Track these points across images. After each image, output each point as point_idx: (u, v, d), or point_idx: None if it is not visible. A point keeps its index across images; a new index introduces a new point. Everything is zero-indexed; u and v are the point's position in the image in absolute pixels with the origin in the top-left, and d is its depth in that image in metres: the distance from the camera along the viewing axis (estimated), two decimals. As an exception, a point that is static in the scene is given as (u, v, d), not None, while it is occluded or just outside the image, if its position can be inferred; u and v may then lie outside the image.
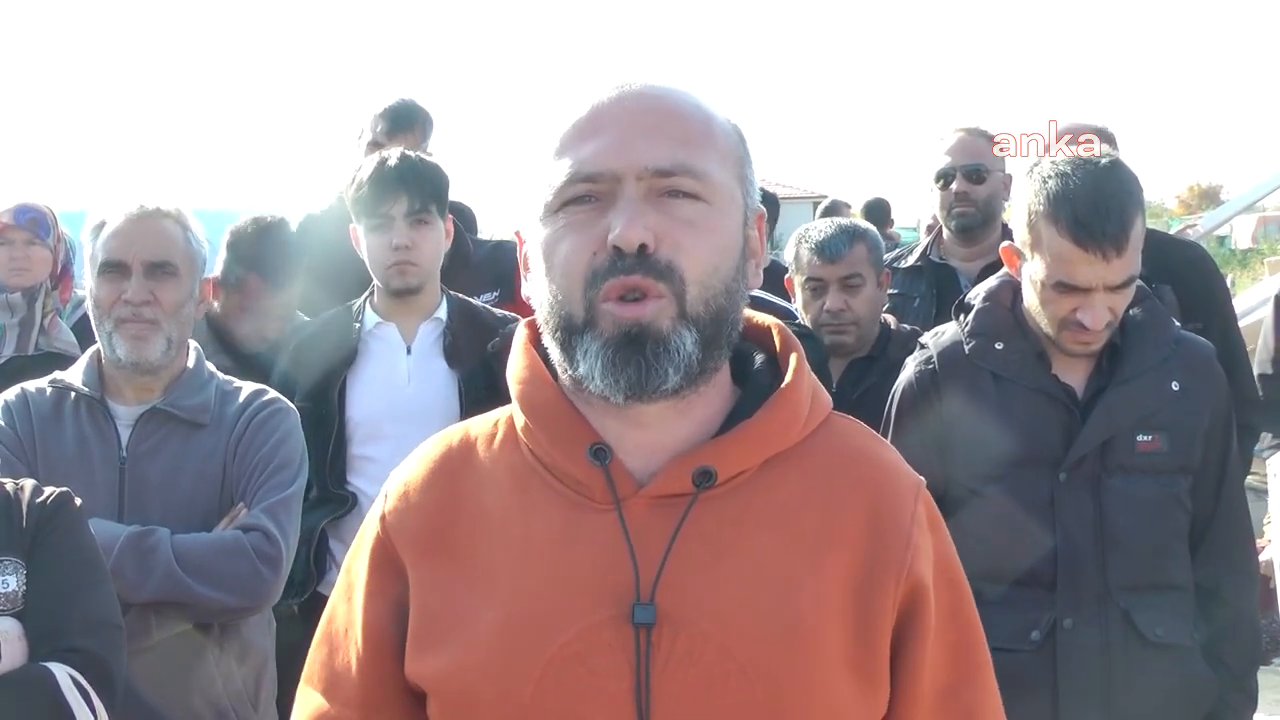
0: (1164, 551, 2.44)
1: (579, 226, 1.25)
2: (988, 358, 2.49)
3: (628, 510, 1.26)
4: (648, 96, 1.28)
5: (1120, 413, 2.41)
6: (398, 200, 2.96)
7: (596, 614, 1.23)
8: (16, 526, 2.06)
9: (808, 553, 1.27)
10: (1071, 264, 2.30)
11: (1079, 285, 2.31)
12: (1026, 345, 2.47)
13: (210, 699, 2.47)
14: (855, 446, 1.36)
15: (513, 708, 1.23)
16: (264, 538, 2.45)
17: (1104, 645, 2.38)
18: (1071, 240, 2.28)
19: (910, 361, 2.64)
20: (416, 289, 3.03)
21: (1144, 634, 2.38)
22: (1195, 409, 2.45)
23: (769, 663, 1.22)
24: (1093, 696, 2.38)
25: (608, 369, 1.23)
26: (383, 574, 1.35)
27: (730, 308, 1.28)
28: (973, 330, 2.53)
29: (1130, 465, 2.42)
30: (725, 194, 1.28)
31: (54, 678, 1.91)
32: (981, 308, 2.56)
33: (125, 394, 2.56)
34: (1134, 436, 2.41)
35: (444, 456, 1.38)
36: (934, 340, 2.62)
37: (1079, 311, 2.33)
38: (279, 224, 3.59)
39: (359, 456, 2.85)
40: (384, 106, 4.33)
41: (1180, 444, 2.44)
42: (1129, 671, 2.38)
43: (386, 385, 3.00)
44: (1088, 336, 2.36)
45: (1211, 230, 15.31)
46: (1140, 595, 2.40)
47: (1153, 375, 2.44)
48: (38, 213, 3.70)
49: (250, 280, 3.47)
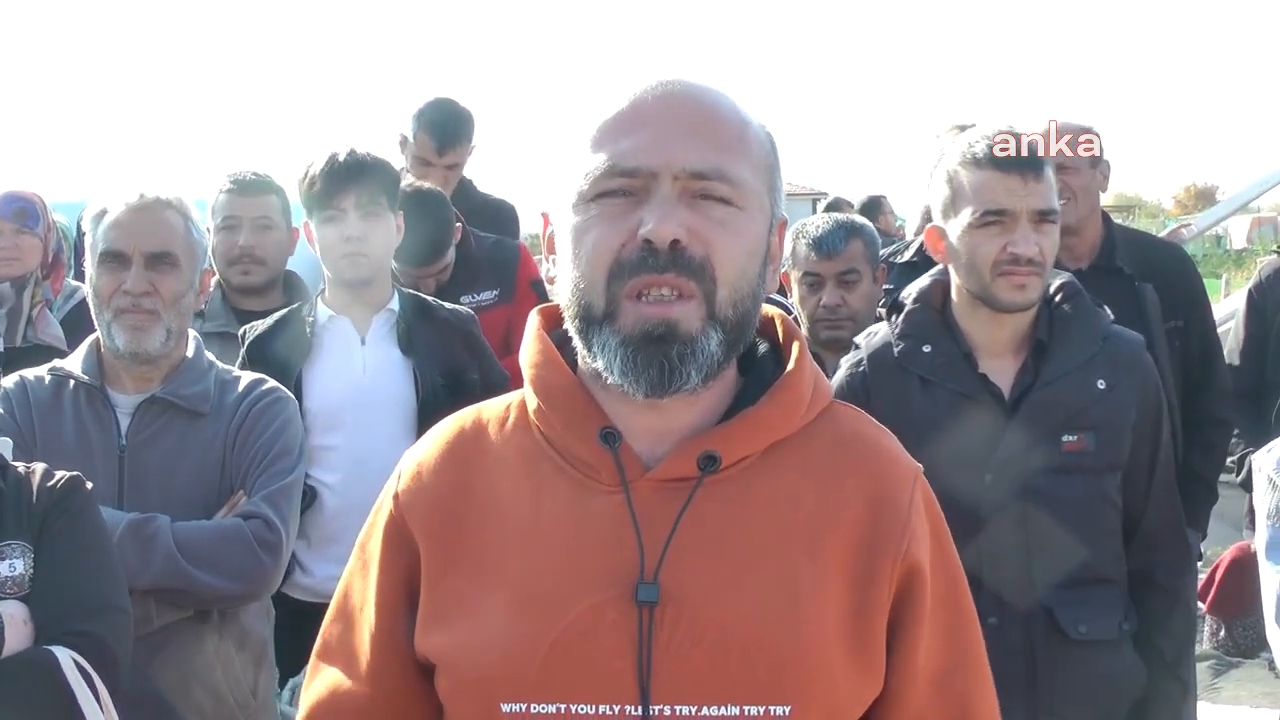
0: (1092, 549, 2.45)
1: (610, 217, 1.27)
2: (915, 361, 2.50)
3: (635, 493, 1.29)
4: (689, 97, 1.30)
5: (1045, 414, 2.42)
6: (348, 194, 3.02)
7: (602, 593, 1.26)
8: (26, 510, 2.07)
9: (808, 536, 1.30)
10: (993, 191, 2.37)
11: (1005, 210, 2.36)
12: (954, 347, 2.48)
13: (209, 686, 2.49)
14: (855, 433, 1.40)
15: (519, 683, 1.25)
16: (264, 525, 2.47)
17: (1028, 643, 2.41)
18: (991, 166, 2.37)
19: (843, 362, 2.66)
20: (368, 280, 3.07)
21: (1066, 631, 2.41)
22: (1122, 406, 2.46)
23: (769, 642, 1.25)
24: (1019, 694, 2.37)
25: (628, 366, 1.26)
26: (395, 551, 1.38)
27: (754, 311, 1.33)
28: (902, 332, 2.55)
29: (1056, 466, 2.42)
30: (755, 201, 1.31)
31: (57, 661, 1.92)
32: (911, 309, 2.58)
33: (124, 383, 2.56)
34: (1059, 437, 2.42)
35: (457, 438, 1.41)
36: (866, 341, 2.63)
37: (1010, 246, 2.36)
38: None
39: (319, 447, 2.90)
40: (426, 117, 4.28)
41: (1107, 442, 2.45)
42: (1053, 668, 2.41)
43: (343, 375, 3.04)
44: (1021, 276, 2.37)
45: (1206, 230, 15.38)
46: (1066, 592, 2.42)
47: (1078, 374, 2.45)
48: (26, 202, 3.64)
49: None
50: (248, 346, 3.09)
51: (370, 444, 2.94)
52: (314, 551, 3.00)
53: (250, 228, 3.61)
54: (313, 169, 3.06)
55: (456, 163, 4.40)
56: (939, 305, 2.56)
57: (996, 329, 2.48)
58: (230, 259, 3.62)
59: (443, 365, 3.05)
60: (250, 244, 3.60)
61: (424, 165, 4.30)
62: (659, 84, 1.31)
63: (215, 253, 3.64)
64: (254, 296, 3.61)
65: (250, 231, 3.61)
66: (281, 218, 3.67)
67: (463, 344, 3.13)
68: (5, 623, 1.94)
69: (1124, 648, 2.46)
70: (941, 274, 2.60)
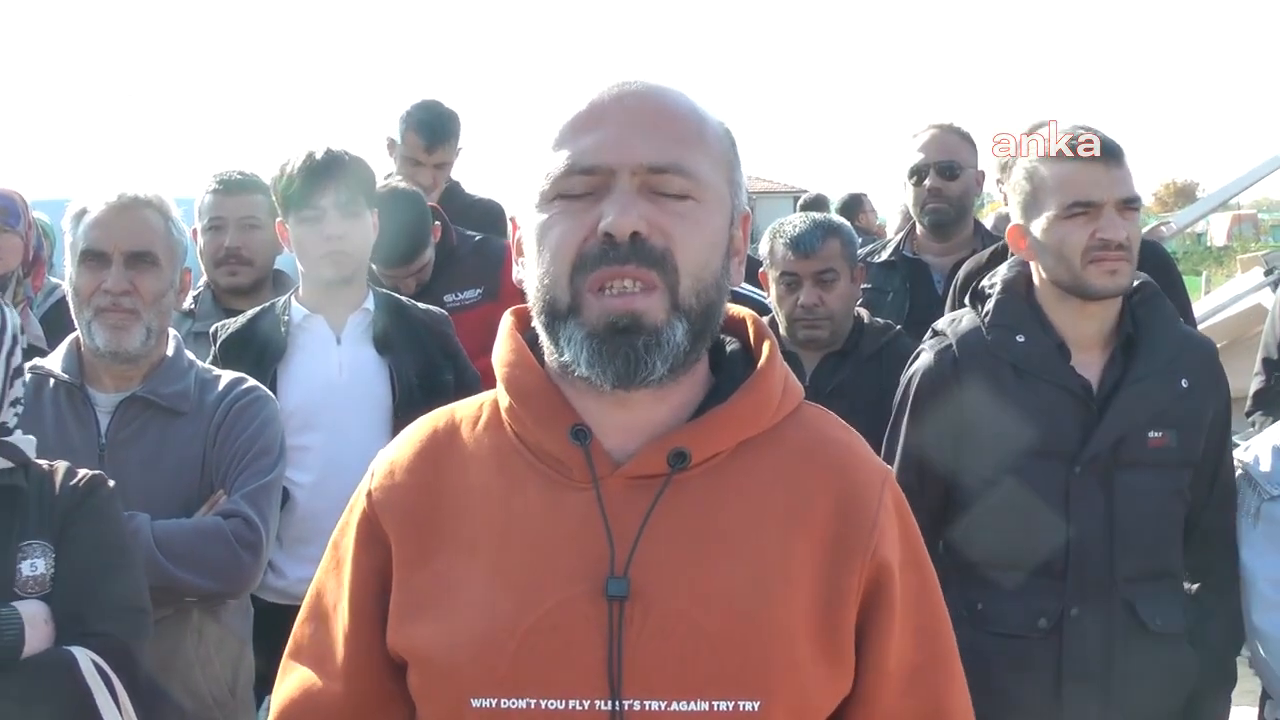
0: (1165, 543, 2.52)
1: (571, 214, 1.29)
2: (1009, 349, 2.52)
3: (605, 489, 1.31)
4: (646, 96, 1.33)
5: (1135, 410, 2.47)
6: (327, 192, 2.99)
7: (573, 588, 1.28)
8: (48, 509, 2.07)
9: (777, 533, 1.31)
10: (1079, 182, 2.41)
11: (1092, 200, 2.40)
12: (1047, 338, 2.51)
13: (188, 684, 2.49)
14: (825, 434, 1.41)
15: (489, 678, 1.27)
16: (244, 523, 2.47)
17: (1107, 634, 2.46)
18: (1074, 159, 2.42)
19: (927, 347, 2.67)
20: (349, 279, 3.05)
21: (1146, 624, 2.47)
22: (1201, 406, 2.52)
23: (739, 638, 1.27)
24: (1094, 682, 2.46)
25: (594, 358, 1.27)
26: (368, 548, 1.40)
27: (718, 302, 1.34)
28: (994, 320, 2.57)
29: (1141, 460, 2.48)
30: (714, 194, 1.33)
31: (76, 662, 1.92)
32: (1001, 298, 2.59)
33: (104, 381, 2.56)
34: (1145, 433, 2.48)
35: (430, 437, 1.43)
36: (951, 328, 2.64)
37: (1099, 232, 2.40)
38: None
39: (294, 447, 2.85)
40: (414, 118, 4.31)
41: (1187, 440, 2.50)
42: (1129, 659, 2.46)
43: (319, 375, 3.01)
44: (1112, 261, 2.41)
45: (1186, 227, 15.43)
46: (1143, 585, 2.48)
47: (1164, 373, 2.49)
48: (6, 199, 3.59)
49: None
50: (220, 344, 3.07)
51: (345, 444, 2.91)
52: (286, 552, 2.97)
53: (236, 228, 3.60)
54: (289, 167, 3.03)
55: (445, 161, 4.41)
56: (1025, 295, 2.58)
57: (1085, 322, 2.51)
58: (217, 259, 3.61)
59: (418, 365, 3.03)
60: (236, 244, 3.59)
61: (413, 165, 4.32)
62: (616, 84, 1.33)
63: (203, 253, 3.64)
64: (243, 296, 3.58)
65: (236, 231, 3.60)
66: (268, 217, 3.64)
67: (437, 344, 3.11)
68: (26, 623, 1.94)
69: (1183, 641, 2.53)
70: (1021, 265, 2.62)
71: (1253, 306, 7.52)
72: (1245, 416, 4.24)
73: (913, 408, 2.61)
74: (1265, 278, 7.82)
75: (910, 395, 2.63)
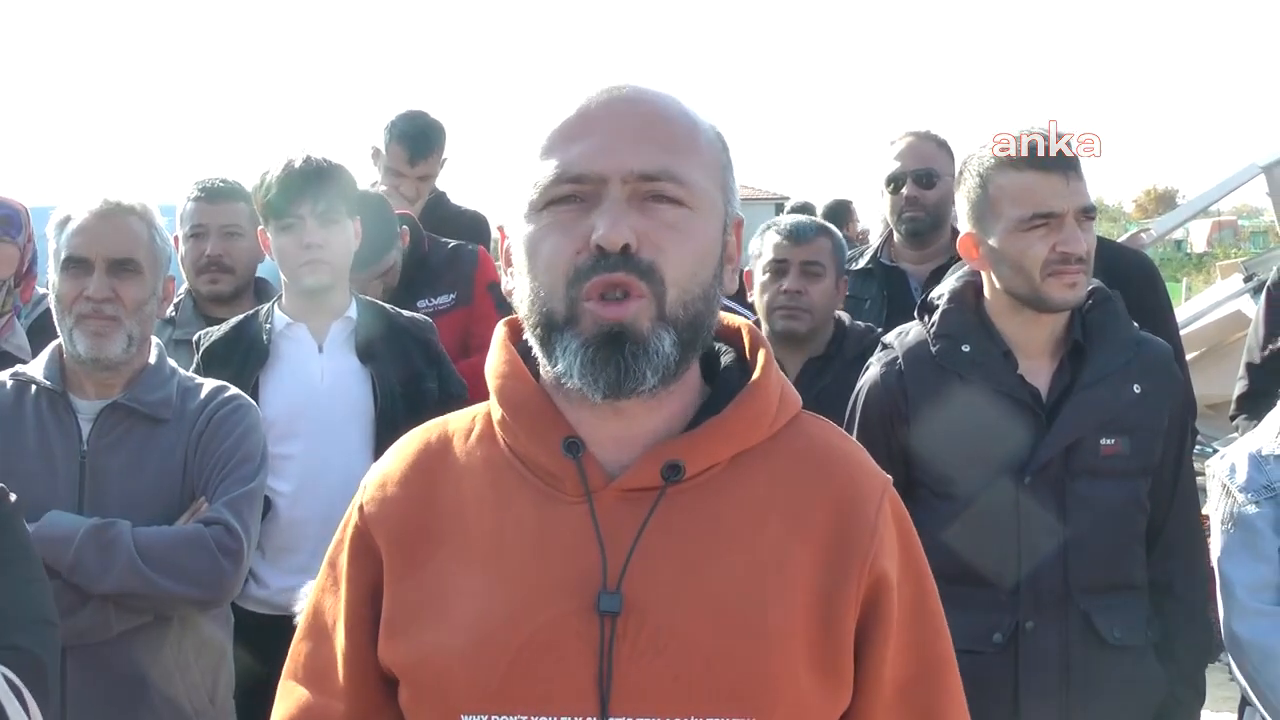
0: (1123, 553, 2.47)
1: (563, 226, 1.27)
2: (955, 359, 2.49)
3: (598, 502, 1.29)
4: (636, 101, 1.31)
5: (1085, 417, 2.43)
6: (306, 201, 2.99)
7: (566, 603, 1.26)
8: None
9: (774, 547, 1.29)
10: (1039, 193, 2.38)
11: (1053, 211, 2.37)
12: (993, 346, 2.48)
13: (167, 693, 2.48)
14: (823, 443, 1.39)
15: (481, 693, 1.25)
16: (225, 531, 2.47)
17: (1064, 647, 2.42)
18: (1032, 168, 2.39)
19: (874, 361, 2.64)
20: (329, 286, 3.05)
21: (1103, 636, 2.42)
22: (1156, 411, 2.48)
23: (733, 654, 1.24)
24: (1052, 697, 2.41)
25: (586, 368, 1.25)
26: (361, 564, 1.38)
27: (707, 312, 1.31)
28: (939, 331, 2.53)
29: (1094, 469, 2.43)
30: (707, 200, 1.31)
31: None
32: (947, 308, 2.56)
33: (86, 389, 2.56)
34: (1098, 440, 2.43)
35: (422, 450, 1.41)
36: (898, 340, 2.61)
37: (1059, 245, 2.37)
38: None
39: (276, 455, 2.83)
40: (399, 129, 4.30)
41: (1142, 446, 2.46)
42: (1087, 672, 2.42)
43: (301, 384, 3.01)
44: (1072, 274, 2.38)
45: (1166, 234, 15.50)
46: (1100, 597, 2.43)
47: (1116, 378, 2.46)
48: (10, 210, 3.56)
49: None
50: (203, 352, 3.06)
51: (327, 453, 2.91)
52: (268, 562, 2.95)
53: (218, 235, 3.60)
54: (269, 176, 3.03)
55: (429, 173, 4.42)
56: (973, 305, 2.55)
57: (1035, 330, 2.48)
58: (199, 267, 3.60)
59: (401, 374, 3.02)
60: (218, 252, 3.59)
61: (396, 176, 4.32)
62: (605, 90, 1.31)
63: (184, 261, 3.63)
64: (224, 305, 3.57)
65: (218, 239, 3.59)
66: (250, 225, 3.63)
67: (421, 352, 3.10)
68: None
69: (1148, 654, 2.48)
70: (970, 275, 2.59)
71: (1233, 313, 7.52)
72: (1229, 420, 4.27)
73: (861, 423, 2.57)
74: (1245, 284, 7.82)
75: (858, 410, 2.60)
